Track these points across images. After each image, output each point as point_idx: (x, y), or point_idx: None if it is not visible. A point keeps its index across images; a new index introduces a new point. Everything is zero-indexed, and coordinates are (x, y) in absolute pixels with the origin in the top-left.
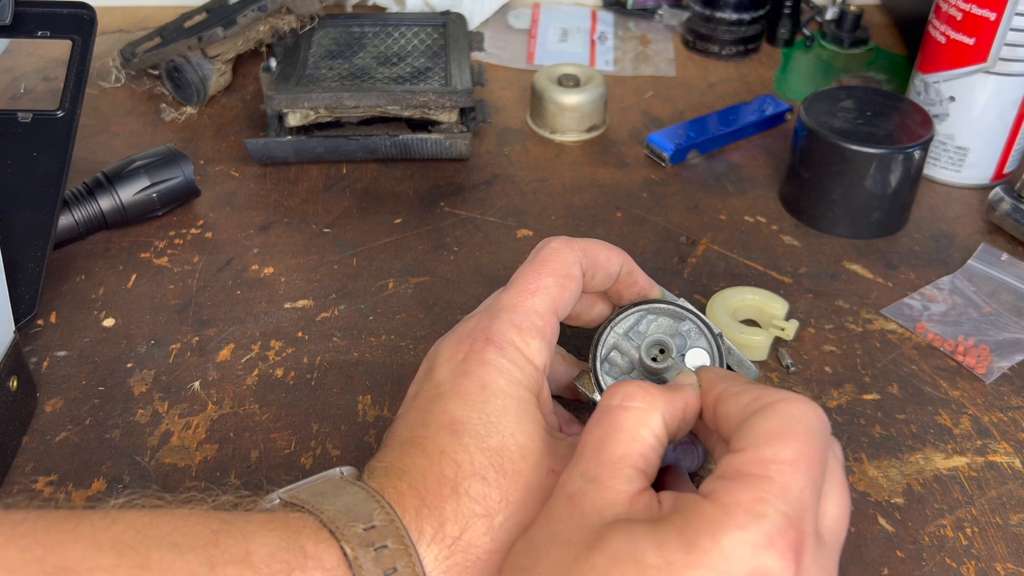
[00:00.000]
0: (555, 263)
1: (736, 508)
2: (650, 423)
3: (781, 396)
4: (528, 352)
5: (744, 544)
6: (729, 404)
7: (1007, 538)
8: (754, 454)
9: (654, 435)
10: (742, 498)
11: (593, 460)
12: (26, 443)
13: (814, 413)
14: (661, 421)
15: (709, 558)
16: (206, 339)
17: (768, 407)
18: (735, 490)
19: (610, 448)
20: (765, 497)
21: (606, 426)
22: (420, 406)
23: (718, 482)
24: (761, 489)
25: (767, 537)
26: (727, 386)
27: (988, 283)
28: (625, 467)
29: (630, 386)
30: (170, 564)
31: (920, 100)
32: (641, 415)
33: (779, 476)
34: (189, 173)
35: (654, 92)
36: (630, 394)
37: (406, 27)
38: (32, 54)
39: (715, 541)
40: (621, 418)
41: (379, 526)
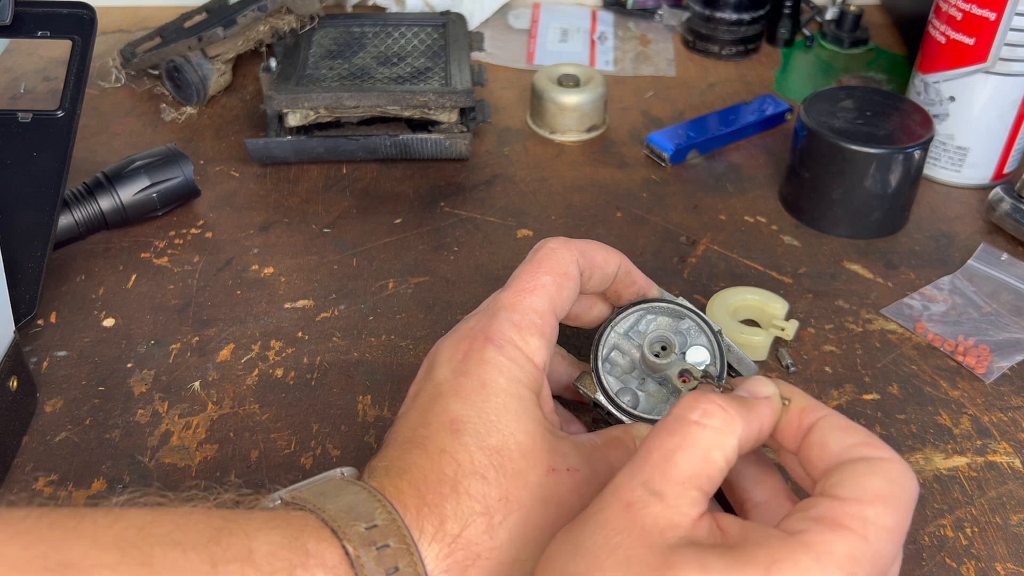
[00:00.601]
0: (552, 262)
1: (829, 560)
2: (725, 446)
3: (890, 455)
4: (527, 350)
5: None
6: (832, 437)
7: (1007, 538)
8: (858, 510)
9: (726, 459)
10: (837, 550)
11: (659, 472)
12: (26, 443)
13: (915, 486)
14: (736, 444)
15: None
16: (206, 339)
17: (876, 462)
18: (831, 540)
19: (681, 465)
20: (859, 558)
21: (679, 439)
22: (420, 406)
23: (811, 524)
24: (857, 548)
25: None
26: (827, 414)
27: (988, 283)
28: (693, 488)
29: (709, 402)
30: (172, 562)
31: (920, 100)
32: (718, 436)
33: (876, 541)
34: (189, 173)
35: (654, 92)
36: (710, 412)
37: (406, 27)
38: (32, 54)
39: None
40: (697, 435)
41: (381, 525)
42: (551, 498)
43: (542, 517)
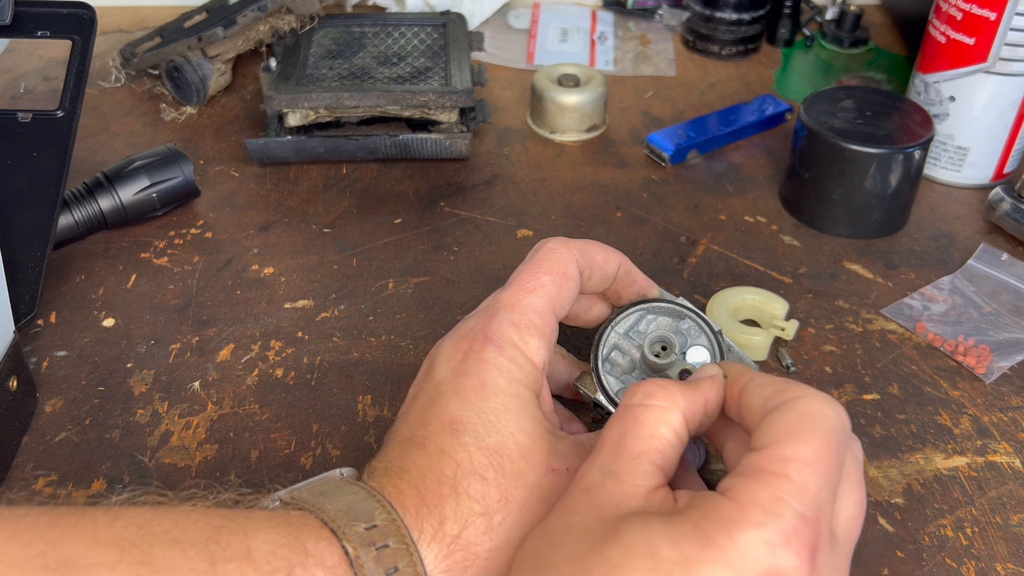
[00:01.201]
0: (552, 262)
1: (753, 506)
2: (670, 420)
3: (802, 392)
4: (527, 350)
5: (760, 542)
6: (753, 396)
7: (1007, 538)
8: (773, 452)
9: (674, 432)
10: (759, 496)
11: (612, 455)
12: (26, 443)
13: (833, 411)
14: (681, 418)
15: (724, 554)
16: (206, 339)
17: (788, 403)
18: (753, 488)
19: (629, 444)
20: (782, 496)
21: (627, 423)
22: (420, 406)
23: (736, 479)
24: (779, 488)
25: (783, 536)
26: (752, 377)
27: (988, 283)
28: (644, 462)
29: (650, 384)
30: (172, 560)
31: (920, 100)
32: (661, 412)
33: (797, 475)
34: (189, 173)
35: (654, 92)
36: (650, 392)
37: (406, 27)
38: (32, 54)
39: (731, 538)
40: (641, 415)
41: (380, 525)
42: (551, 498)
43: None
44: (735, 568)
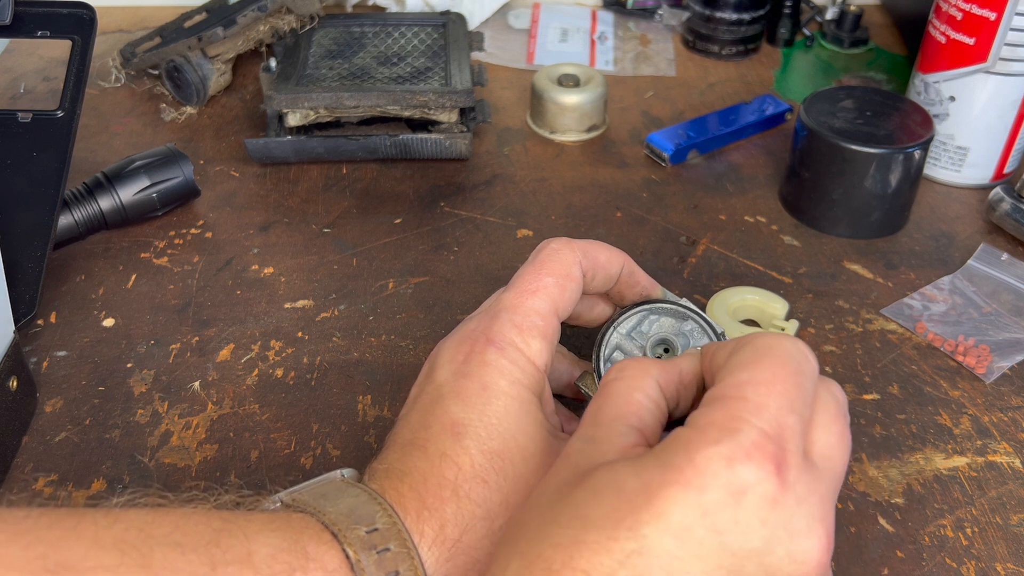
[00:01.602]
0: (555, 263)
1: (710, 427)
2: (643, 387)
3: (759, 334)
4: (529, 352)
5: (717, 458)
6: (719, 352)
7: (1007, 538)
8: (729, 380)
9: (648, 397)
10: (715, 417)
11: (590, 424)
12: (26, 443)
13: (790, 343)
14: (655, 384)
15: (683, 475)
16: (206, 339)
17: (745, 341)
18: (708, 412)
19: (604, 411)
20: (739, 415)
21: (601, 397)
22: (421, 408)
23: (695, 411)
24: (735, 408)
25: (742, 450)
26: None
27: (988, 283)
28: (619, 424)
29: (623, 361)
30: (172, 563)
31: (920, 100)
32: (634, 381)
33: (753, 395)
34: (189, 173)
35: (654, 92)
36: (623, 366)
37: (406, 27)
38: (32, 54)
39: (689, 459)
40: (615, 387)
41: (382, 529)
42: None
43: None
44: (695, 487)
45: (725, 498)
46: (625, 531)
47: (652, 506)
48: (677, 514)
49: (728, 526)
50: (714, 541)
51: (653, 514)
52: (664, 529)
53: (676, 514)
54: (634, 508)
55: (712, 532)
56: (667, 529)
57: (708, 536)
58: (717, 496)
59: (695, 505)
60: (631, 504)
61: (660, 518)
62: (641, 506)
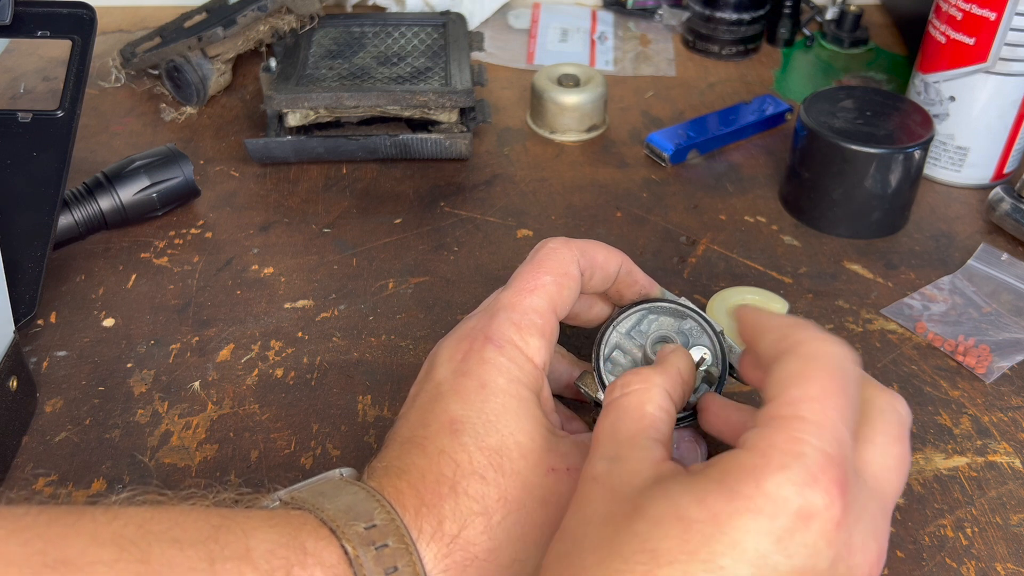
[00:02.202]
0: (553, 262)
1: (772, 451)
2: (653, 399)
3: (804, 336)
4: (528, 350)
5: (788, 484)
6: (762, 341)
7: (1007, 538)
8: (782, 398)
9: (660, 408)
10: (776, 440)
11: (609, 443)
12: (26, 443)
13: (834, 347)
14: (664, 393)
15: (755, 503)
16: (206, 339)
17: (791, 349)
18: (768, 434)
19: (622, 429)
20: (800, 436)
21: (613, 415)
22: (420, 406)
23: (751, 432)
24: (795, 429)
25: (810, 475)
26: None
27: (988, 283)
28: (641, 439)
29: (624, 376)
30: (170, 559)
31: (920, 100)
32: (642, 395)
33: (810, 414)
34: (189, 173)
35: (654, 92)
36: (626, 382)
37: (406, 27)
38: (32, 54)
39: (758, 486)
40: (624, 403)
41: (380, 525)
42: (550, 498)
43: (541, 517)
44: (767, 514)
45: (796, 523)
46: (700, 563)
47: (725, 536)
48: (751, 542)
49: (799, 550)
50: (787, 566)
51: (727, 544)
52: (740, 558)
53: (750, 542)
54: (707, 539)
55: (786, 558)
56: (743, 558)
57: (782, 562)
58: (788, 522)
59: (768, 532)
60: (702, 535)
61: (735, 548)
62: (713, 536)
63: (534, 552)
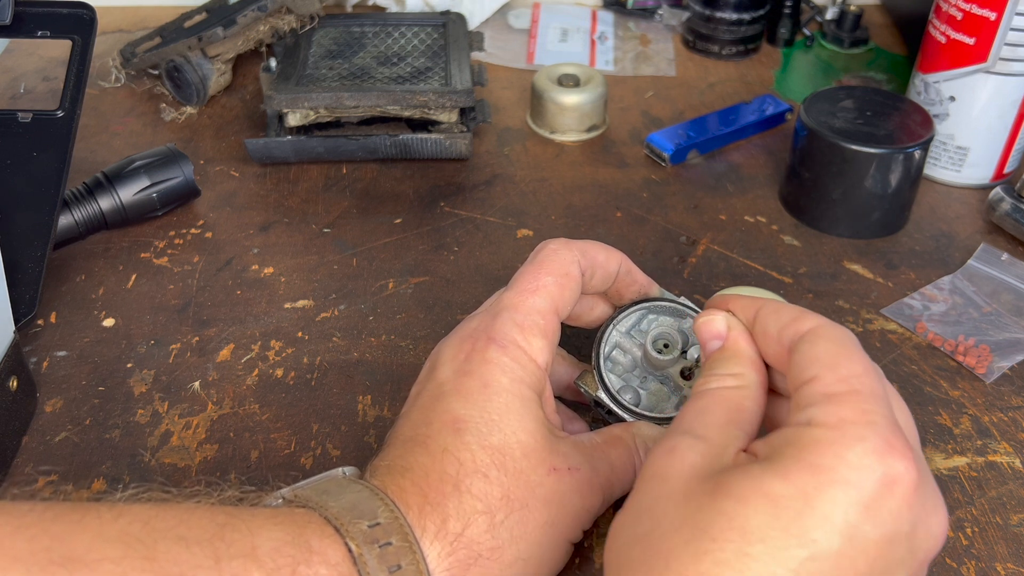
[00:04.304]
0: (554, 263)
1: (846, 424)
2: (755, 396)
3: (818, 321)
4: (530, 350)
5: (869, 454)
6: (768, 322)
7: (1007, 538)
8: (832, 375)
9: (759, 406)
10: (846, 414)
11: (697, 422)
12: (26, 443)
13: (848, 331)
14: (763, 392)
15: (840, 474)
16: (206, 339)
17: (811, 333)
18: (834, 410)
19: (716, 413)
20: (867, 407)
21: (708, 399)
22: (423, 405)
23: (810, 410)
24: (858, 401)
25: (886, 443)
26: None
27: (988, 283)
28: (733, 428)
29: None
30: (176, 556)
31: (920, 100)
32: (743, 390)
33: (865, 388)
34: (189, 173)
35: (654, 92)
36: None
37: (406, 27)
38: (32, 54)
39: (841, 458)
40: (724, 393)
41: (383, 523)
42: (552, 497)
43: (543, 516)
44: (854, 485)
45: (881, 490)
46: (794, 539)
47: (815, 510)
48: (841, 514)
49: (886, 516)
50: (876, 533)
51: (819, 518)
52: (832, 531)
53: (840, 514)
54: (797, 514)
55: (875, 525)
56: (835, 530)
57: (872, 530)
58: (874, 490)
59: (856, 502)
60: (792, 510)
61: (827, 520)
62: (803, 511)
63: (537, 551)
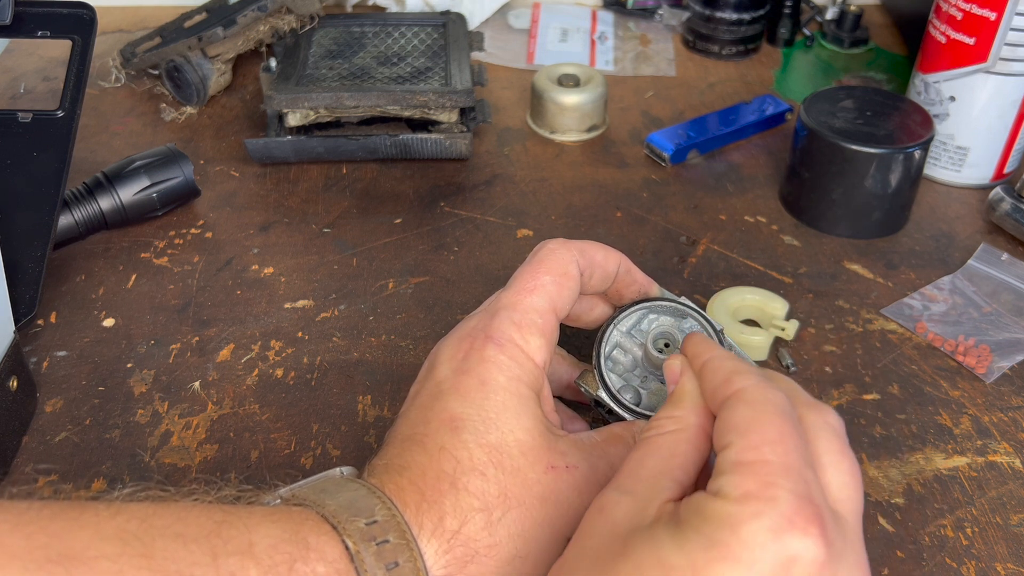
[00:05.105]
0: (552, 263)
1: (746, 498)
2: (691, 439)
3: (744, 383)
4: (528, 349)
5: (764, 531)
6: (705, 381)
7: (1007, 538)
8: (742, 443)
9: (696, 449)
10: (749, 486)
11: (629, 477)
12: (26, 443)
13: (776, 393)
14: (701, 435)
15: (732, 551)
16: (206, 339)
17: (733, 397)
18: (739, 482)
19: (648, 466)
20: (771, 480)
21: (643, 451)
22: (421, 404)
23: (720, 479)
24: (764, 473)
25: (785, 519)
26: (707, 359)
27: (988, 283)
28: (664, 479)
29: (659, 415)
30: (173, 554)
31: (920, 100)
32: (678, 435)
33: (774, 456)
34: (189, 173)
35: (654, 92)
36: (660, 425)
37: (406, 27)
38: (32, 54)
39: (734, 534)
40: (658, 442)
41: (381, 521)
42: (550, 495)
43: (541, 514)
44: (744, 562)
45: (776, 570)
46: None
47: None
48: None
49: None
50: None
51: None
52: None
53: None
54: None
55: None
56: None
57: None
58: (767, 569)
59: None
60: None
61: None
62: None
63: (534, 548)
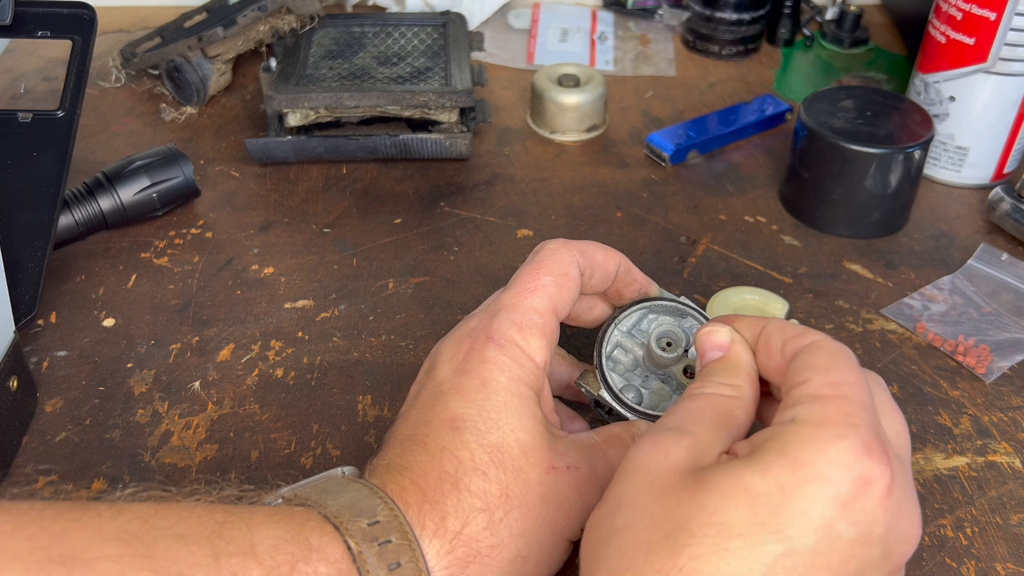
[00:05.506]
0: (553, 263)
1: (830, 423)
2: (746, 408)
3: (820, 336)
4: (529, 349)
5: (848, 452)
6: (772, 337)
7: (1007, 538)
8: (823, 379)
9: (748, 417)
10: (831, 414)
11: (685, 418)
12: (26, 443)
13: (848, 348)
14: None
15: (818, 470)
16: (206, 339)
17: (812, 345)
18: (820, 410)
19: (707, 414)
20: (852, 411)
21: (702, 402)
22: (422, 404)
23: (796, 409)
24: (846, 405)
25: (865, 445)
26: (769, 323)
27: (988, 283)
28: (721, 431)
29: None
30: (175, 554)
31: (920, 100)
32: (735, 401)
33: (853, 395)
34: (189, 173)
35: (654, 92)
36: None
37: (406, 27)
38: (32, 54)
39: (821, 453)
40: (717, 400)
41: (383, 521)
42: (551, 495)
43: (542, 514)
44: (832, 481)
45: (857, 490)
46: (771, 534)
47: (791, 505)
48: (817, 510)
49: (860, 516)
50: (851, 533)
51: (795, 514)
52: (807, 527)
53: (816, 510)
54: (774, 510)
55: (849, 524)
56: (810, 527)
57: (846, 529)
58: (850, 488)
59: (833, 499)
60: (769, 506)
61: (803, 516)
62: (780, 507)
63: (536, 548)
